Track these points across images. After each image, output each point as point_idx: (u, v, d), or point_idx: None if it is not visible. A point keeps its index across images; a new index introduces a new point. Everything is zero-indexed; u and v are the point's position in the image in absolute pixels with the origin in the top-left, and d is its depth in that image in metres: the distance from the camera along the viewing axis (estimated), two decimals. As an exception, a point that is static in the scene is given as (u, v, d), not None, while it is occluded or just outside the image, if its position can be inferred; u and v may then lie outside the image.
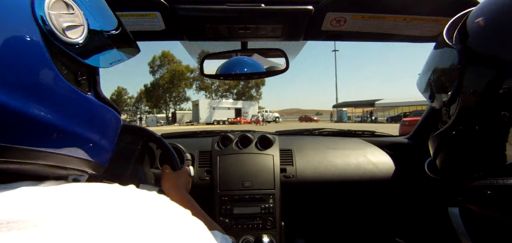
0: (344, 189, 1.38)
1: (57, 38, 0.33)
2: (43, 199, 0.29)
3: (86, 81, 0.38)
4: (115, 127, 0.44)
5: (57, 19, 0.33)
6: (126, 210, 0.31)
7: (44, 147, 0.33)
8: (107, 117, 0.42)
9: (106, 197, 0.32)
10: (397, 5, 0.67)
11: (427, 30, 0.72)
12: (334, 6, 0.68)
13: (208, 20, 0.71)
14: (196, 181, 1.30)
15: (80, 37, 0.35)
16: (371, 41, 0.80)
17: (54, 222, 0.26)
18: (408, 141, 1.45)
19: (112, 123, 0.43)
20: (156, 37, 0.77)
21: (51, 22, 0.32)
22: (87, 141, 0.38)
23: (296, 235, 1.44)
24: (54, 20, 0.33)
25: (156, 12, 0.66)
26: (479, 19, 0.48)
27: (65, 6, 0.35)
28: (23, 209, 0.27)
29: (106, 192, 0.33)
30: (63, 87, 0.34)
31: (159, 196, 0.37)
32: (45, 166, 0.34)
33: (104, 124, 0.42)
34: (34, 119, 0.31)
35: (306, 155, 1.39)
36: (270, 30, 0.77)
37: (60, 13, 0.34)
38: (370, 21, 0.71)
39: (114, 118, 0.43)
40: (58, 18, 0.33)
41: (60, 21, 0.33)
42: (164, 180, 0.84)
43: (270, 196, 1.28)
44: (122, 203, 0.32)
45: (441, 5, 0.66)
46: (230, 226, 1.26)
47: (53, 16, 0.33)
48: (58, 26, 0.33)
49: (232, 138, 1.44)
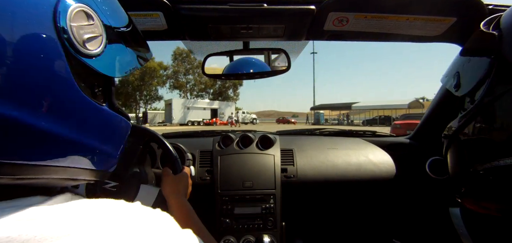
0: (345, 189, 1.38)
1: (78, 50, 0.32)
2: (62, 216, 0.29)
3: (101, 92, 0.38)
4: (125, 134, 0.44)
5: (78, 31, 0.32)
6: (132, 229, 0.32)
7: (59, 162, 0.33)
8: (120, 126, 0.42)
9: (115, 214, 0.32)
10: (400, 5, 0.67)
11: (430, 29, 0.72)
12: (336, 6, 0.67)
13: (210, 20, 0.71)
14: (197, 181, 1.30)
15: (99, 48, 0.35)
16: (373, 41, 0.80)
17: (75, 238, 0.27)
18: (409, 142, 1.45)
19: (124, 131, 0.43)
20: (158, 37, 0.77)
21: (73, 34, 0.32)
22: (100, 153, 0.38)
23: (297, 235, 1.44)
24: (75, 32, 0.32)
25: (159, 12, 0.66)
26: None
27: (85, 16, 0.34)
28: (44, 226, 0.27)
29: (115, 209, 0.33)
30: (82, 101, 0.33)
31: (161, 214, 0.38)
32: (56, 179, 0.34)
33: (117, 133, 0.42)
34: (52, 135, 0.30)
35: (307, 155, 1.38)
36: (272, 30, 0.77)
37: (81, 25, 0.33)
38: (373, 21, 0.71)
39: (125, 126, 0.43)
40: (79, 30, 0.32)
41: (81, 33, 0.33)
42: (164, 184, 0.85)
43: (271, 196, 1.28)
44: (129, 221, 0.32)
45: (444, 5, 0.66)
46: (230, 226, 1.26)
47: (75, 29, 0.32)
48: (79, 39, 0.32)
49: (233, 138, 1.44)
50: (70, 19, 0.31)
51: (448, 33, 0.72)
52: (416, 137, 1.45)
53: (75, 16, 0.32)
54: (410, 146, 1.41)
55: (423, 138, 1.41)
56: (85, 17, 0.34)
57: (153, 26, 0.72)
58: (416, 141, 1.43)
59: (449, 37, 0.74)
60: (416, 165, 1.31)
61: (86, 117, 0.34)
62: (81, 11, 0.33)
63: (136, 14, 0.67)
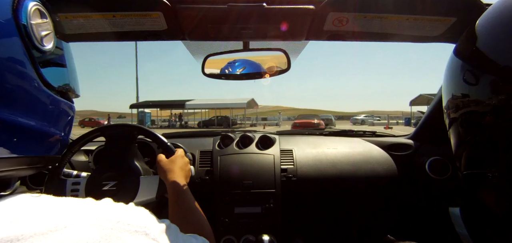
0: (345, 189, 1.38)
1: (37, 47, 0.33)
2: (57, 210, 0.30)
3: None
4: (71, 119, 0.46)
5: (37, 28, 0.33)
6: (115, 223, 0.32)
7: (31, 153, 0.34)
8: (70, 114, 0.44)
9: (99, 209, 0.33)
10: (400, 5, 0.67)
11: (430, 29, 0.72)
12: (336, 6, 0.67)
13: (210, 20, 0.71)
14: (197, 181, 1.30)
15: (52, 45, 0.36)
16: (373, 41, 0.80)
17: (73, 228, 0.28)
18: (409, 142, 1.45)
19: (70, 116, 0.45)
20: (158, 37, 0.77)
21: (33, 32, 0.33)
22: (57, 140, 0.40)
23: (297, 235, 1.44)
24: (35, 29, 0.33)
25: (159, 12, 0.66)
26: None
27: (39, 14, 0.35)
28: (44, 221, 0.28)
29: (99, 206, 0.34)
30: (43, 94, 0.35)
31: (138, 209, 0.38)
32: (18, 170, 0.34)
33: (68, 120, 0.44)
34: (19, 127, 0.31)
35: (306, 155, 1.39)
36: (272, 29, 0.77)
37: (38, 22, 0.34)
38: (373, 21, 0.71)
39: (72, 110, 0.45)
40: (37, 28, 0.34)
41: (39, 30, 0.34)
42: (159, 170, 0.86)
43: (271, 196, 1.28)
44: (111, 215, 0.33)
45: (444, 5, 0.66)
46: (230, 225, 1.26)
47: (34, 26, 0.33)
48: (38, 36, 0.34)
49: (233, 138, 1.44)
50: (29, 17, 0.33)
51: (448, 33, 0.72)
52: (416, 137, 1.45)
53: (33, 14, 0.33)
54: (410, 146, 1.41)
55: (423, 138, 1.42)
56: (39, 14, 0.35)
57: (153, 26, 0.72)
58: (416, 141, 1.43)
59: (449, 37, 0.74)
60: (416, 165, 1.31)
61: (45, 107, 0.36)
62: (37, 8, 0.34)
63: (135, 14, 0.67)
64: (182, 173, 0.86)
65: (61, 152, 0.42)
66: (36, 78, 0.33)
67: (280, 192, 1.28)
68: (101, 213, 0.32)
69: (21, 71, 0.31)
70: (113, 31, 0.73)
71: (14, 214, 0.27)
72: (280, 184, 1.29)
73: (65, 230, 0.28)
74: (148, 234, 0.34)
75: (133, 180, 0.91)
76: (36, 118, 0.34)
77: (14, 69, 0.30)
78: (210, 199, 1.28)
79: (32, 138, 0.34)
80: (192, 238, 0.48)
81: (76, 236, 0.28)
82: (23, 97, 0.32)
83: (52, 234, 0.27)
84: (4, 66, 0.29)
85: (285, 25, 0.75)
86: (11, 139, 0.31)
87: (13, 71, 0.30)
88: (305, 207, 1.48)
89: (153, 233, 0.35)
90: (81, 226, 0.29)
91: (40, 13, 0.34)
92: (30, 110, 0.33)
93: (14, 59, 0.30)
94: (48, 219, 0.28)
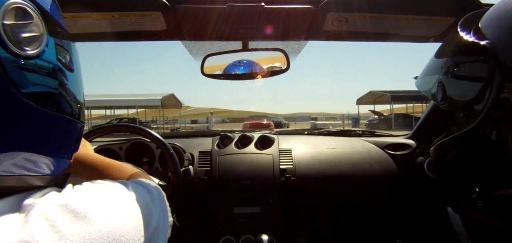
0: (344, 189, 1.39)
1: (12, 52, 0.29)
2: None
3: (45, 94, 0.34)
4: (76, 136, 0.42)
5: (12, 29, 0.30)
6: None
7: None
8: (69, 129, 0.39)
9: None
10: (399, 5, 0.67)
11: (429, 29, 0.73)
12: (335, 6, 0.68)
13: (209, 20, 0.71)
14: (196, 181, 1.30)
15: (38, 49, 0.32)
16: (372, 41, 0.80)
17: None
18: (408, 141, 1.45)
19: (74, 133, 0.42)
20: (157, 37, 0.77)
21: (6, 33, 0.29)
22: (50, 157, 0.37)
23: (296, 235, 1.44)
24: (9, 31, 0.29)
25: (158, 12, 0.66)
26: None
27: (21, 13, 0.31)
28: None
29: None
30: (19, 105, 0.30)
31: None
32: None
33: (64, 137, 0.39)
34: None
35: (305, 155, 1.39)
36: (271, 29, 0.77)
37: (15, 23, 0.30)
38: (372, 21, 0.71)
39: (76, 128, 0.41)
40: (14, 29, 0.30)
41: (16, 32, 0.30)
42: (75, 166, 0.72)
43: (270, 195, 1.28)
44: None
45: (443, 5, 0.66)
46: (230, 225, 1.26)
47: (9, 27, 0.29)
48: (14, 38, 0.30)
49: (232, 138, 1.44)
50: (2, 16, 0.29)
51: (447, 33, 0.73)
52: (414, 137, 1.46)
53: (8, 14, 0.30)
54: (409, 146, 1.42)
55: (422, 137, 1.42)
56: (22, 14, 0.31)
57: (151, 26, 0.72)
58: (414, 141, 1.44)
59: None
60: (414, 165, 1.31)
61: (25, 122, 0.32)
62: (17, 7, 0.31)
63: (134, 14, 0.67)
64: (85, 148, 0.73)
65: (63, 173, 0.39)
66: (8, 85, 0.29)
67: (279, 192, 1.28)
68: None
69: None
70: (112, 31, 0.73)
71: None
72: (279, 184, 1.29)
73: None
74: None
75: None
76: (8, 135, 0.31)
77: None
78: (209, 199, 1.27)
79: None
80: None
81: None
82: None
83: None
84: None
85: (284, 25, 0.75)
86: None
87: None
88: (304, 206, 1.48)
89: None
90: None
91: (22, 12, 0.31)
92: (9, 123, 0.30)
93: None
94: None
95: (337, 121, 33.48)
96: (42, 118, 0.33)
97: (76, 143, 0.42)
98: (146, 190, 0.43)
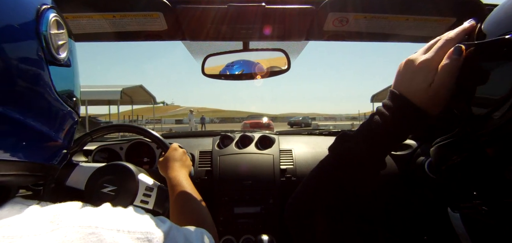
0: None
1: (53, 56, 0.35)
2: (46, 214, 0.30)
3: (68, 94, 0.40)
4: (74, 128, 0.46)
5: (54, 38, 0.35)
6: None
7: (34, 158, 0.34)
8: (74, 124, 0.44)
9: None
10: (400, 5, 0.67)
11: (430, 30, 0.72)
12: (336, 6, 0.67)
13: (210, 20, 0.71)
14: (197, 181, 1.30)
15: (66, 54, 0.38)
16: (373, 41, 0.80)
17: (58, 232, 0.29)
18: (409, 141, 1.45)
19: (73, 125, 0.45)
20: (158, 37, 0.77)
21: (51, 41, 0.34)
22: (60, 149, 0.40)
23: None
24: (53, 39, 0.35)
25: (159, 12, 0.66)
26: None
27: (57, 24, 0.36)
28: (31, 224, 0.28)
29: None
30: (54, 100, 0.35)
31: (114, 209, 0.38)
32: (17, 176, 0.34)
33: (72, 130, 0.44)
34: (29, 129, 0.32)
35: (306, 155, 1.39)
36: (272, 30, 0.77)
37: (56, 32, 0.36)
38: (373, 21, 0.71)
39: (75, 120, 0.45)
40: (55, 37, 0.35)
41: (56, 40, 0.35)
42: (160, 168, 0.89)
43: (270, 195, 1.28)
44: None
45: (444, 5, 0.66)
46: (230, 225, 1.26)
47: (52, 36, 0.35)
48: (55, 45, 0.35)
49: (232, 138, 1.44)
50: (49, 26, 0.34)
51: None
52: (415, 137, 1.46)
53: (53, 24, 0.35)
54: (410, 146, 1.42)
55: (423, 137, 1.42)
56: (57, 25, 0.36)
57: (152, 26, 0.71)
58: (416, 141, 1.43)
59: None
60: (416, 165, 1.31)
61: (57, 114, 0.37)
62: (56, 19, 0.36)
63: (135, 15, 0.67)
64: (178, 164, 0.87)
65: (61, 164, 0.42)
66: (49, 84, 0.34)
67: (279, 192, 1.28)
68: (97, 219, 0.32)
69: (36, 75, 0.32)
70: (113, 31, 0.73)
71: (7, 220, 0.28)
72: (280, 184, 1.29)
73: (51, 233, 0.28)
74: (151, 240, 0.34)
75: (132, 184, 0.89)
76: (45, 124, 0.35)
77: (30, 72, 0.31)
78: (209, 199, 1.27)
79: (37, 143, 0.34)
80: (191, 230, 0.48)
81: (58, 238, 0.28)
82: (35, 100, 0.33)
83: (35, 238, 0.27)
84: (21, 68, 0.30)
85: (284, 25, 0.75)
86: (18, 141, 0.31)
87: (29, 74, 0.31)
88: None
89: (157, 238, 0.34)
90: (65, 230, 0.29)
91: (58, 23, 0.36)
92: (41, 115, 0.34)
93: (30, 61, 0.32)
94: (35, 223, 0.28)
95: (337, 122, 33.13)
96: (67, 115, 0.39)
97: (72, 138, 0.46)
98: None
